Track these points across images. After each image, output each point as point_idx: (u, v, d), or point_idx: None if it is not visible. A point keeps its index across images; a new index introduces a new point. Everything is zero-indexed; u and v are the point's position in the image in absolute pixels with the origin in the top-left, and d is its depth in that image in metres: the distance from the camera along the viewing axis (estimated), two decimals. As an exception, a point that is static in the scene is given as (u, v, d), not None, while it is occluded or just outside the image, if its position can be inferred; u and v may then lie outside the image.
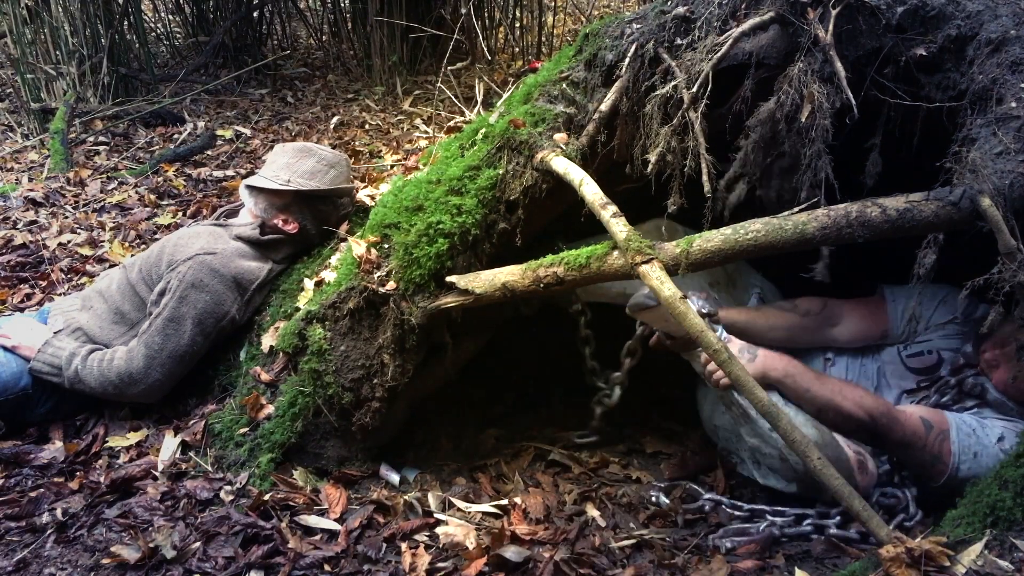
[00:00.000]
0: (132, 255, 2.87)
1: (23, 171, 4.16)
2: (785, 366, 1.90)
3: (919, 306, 2.08)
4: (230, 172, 4.07)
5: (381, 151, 3.92)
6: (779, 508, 1.97)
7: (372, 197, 2.62)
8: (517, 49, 5.48)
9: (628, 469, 2.28)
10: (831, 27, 1.67)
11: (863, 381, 2.10)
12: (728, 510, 2.02)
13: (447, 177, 2.04)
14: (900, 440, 1.84)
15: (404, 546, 1.77)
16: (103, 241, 3.29)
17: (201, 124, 4.83)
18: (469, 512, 1.93)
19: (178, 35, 6.35)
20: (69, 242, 3.26)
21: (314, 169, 2.38)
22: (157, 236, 3.29)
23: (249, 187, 2.39)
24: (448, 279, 1.90)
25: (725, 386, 1.87)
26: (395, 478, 2.06)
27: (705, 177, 1.78)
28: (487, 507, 1.96)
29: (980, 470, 1.77)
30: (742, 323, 2.09)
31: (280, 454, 2.00)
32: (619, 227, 1.70)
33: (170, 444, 2.09)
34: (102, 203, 3.69)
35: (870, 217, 1.54)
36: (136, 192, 3.80)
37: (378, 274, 1.99)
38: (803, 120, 1.67)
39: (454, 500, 1.98)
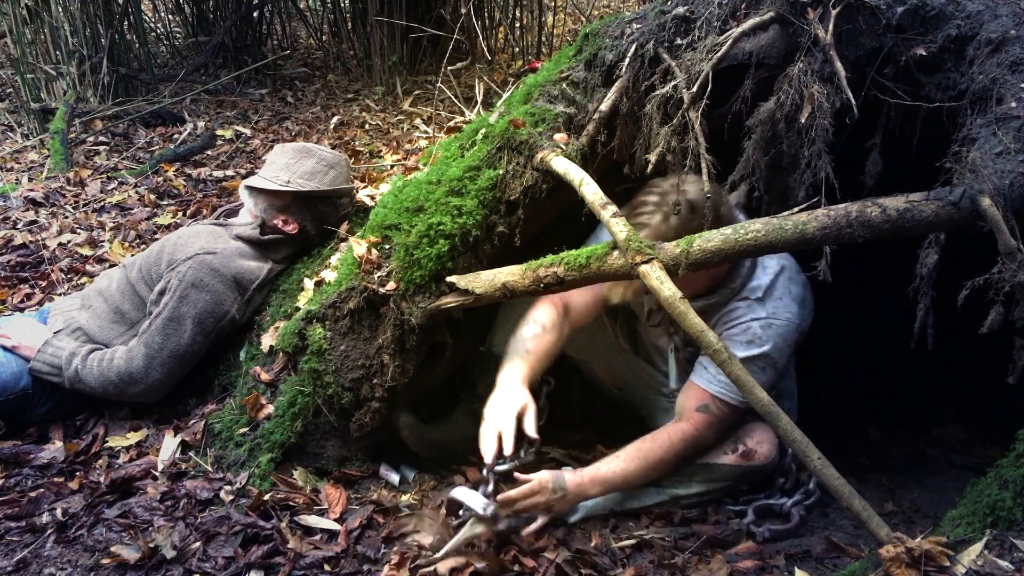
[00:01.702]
0: (132, 255, 2.87)
1: (23, 171, 4.16)
2: (591, 479, 1.90)
3: None
4: (230, 172, 4.07)
5: (381, 151, 3.92)
6: (753, 495, 2.03)
7: (372, 197, 2.62)
8: (517, 49, 5.48)
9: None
10: (831, 27, 1.67)
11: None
12: (729, 507, 2.02)
13: (447, 178, 2.04)
14: (714, 440, 1.96)
15: (393, 551, 1.76)
16: (103, 241, 3.29)
17: (201, 124, 4.83)
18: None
19: (178, 35, 6.35)
20: (69, 242, 3.26)
21: (314, 170, 2.37)
22: (157, 236, 3.29)
23: (249, 187, 2.39)
24: (448, 279, 1.90)
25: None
26: (395, 478, 2.06)
27: (705, 177, 1.78)
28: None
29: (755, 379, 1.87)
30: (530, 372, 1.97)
31: (280, 454, 2.00)
32: (619, 227, 1.70)
33: (170, 444, 2.09)
34: (102, 203, 3.69)
35: (870, 217, 1.54)
36: (136, 192, 3.80)
37: (378, 274, 1.99)
38: (803, 120, 1.67)
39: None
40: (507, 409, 1.83)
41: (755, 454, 1.97)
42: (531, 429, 1.82)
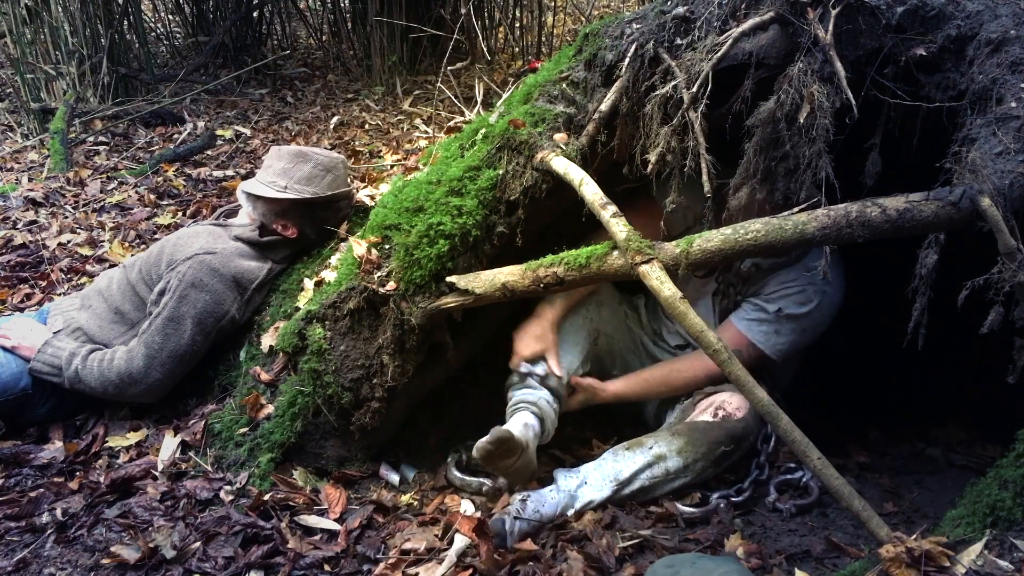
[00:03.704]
0: (132, 255, 2.87)
1: (23, 171, 4.16)
2: (625, 384, 2.18)
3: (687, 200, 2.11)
4: (230, 172, 4.07)
5: (381, 151, 3.92)
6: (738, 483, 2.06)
7: (372, 197, 2.62)
8: (517, 49, 5.48)
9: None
10: (831, 27, 1.67)
11: (703, 310, 2.23)
12: (735, 499, 2.01)
13: (447, 178, 2.04)
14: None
15: (393, 542, 1.76)
16: (103, 241, 3.29)
17: (201, 124, 4.83)
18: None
19: (178, 35, 6.36)
20: (69, 242, 3.26)
21: (311, 175, 2.35)
22: (157, 236, 3.29)
23: (246, 193, 2.38)
24: (448, 279, 1.90)
25: None
26: (395, 478, 2.06)
27: (705, 177, 1.78)
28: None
29: (793, 338, 2.11)
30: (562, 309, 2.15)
31: (280, 454, 2.00)
32: (619, 227, 1.70)
33: (170, 444, 2.09)
34: (102, 203, 3.69)
35: (870, 217, 1.54)
36: (136, 192, 3.80)
37: (378, 274, 1.99)
38: (802, 120, 1.67)
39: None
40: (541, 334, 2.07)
41: (733, 414, 2.04)
42: (554, 367, 2.06)
